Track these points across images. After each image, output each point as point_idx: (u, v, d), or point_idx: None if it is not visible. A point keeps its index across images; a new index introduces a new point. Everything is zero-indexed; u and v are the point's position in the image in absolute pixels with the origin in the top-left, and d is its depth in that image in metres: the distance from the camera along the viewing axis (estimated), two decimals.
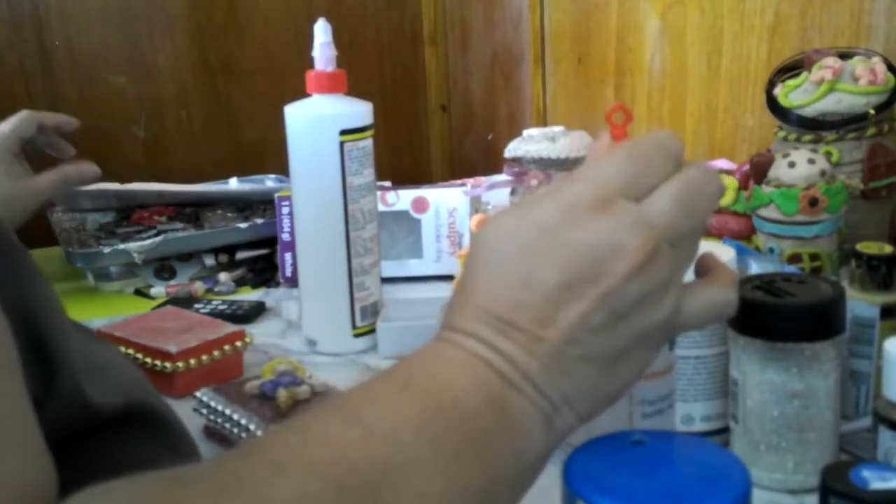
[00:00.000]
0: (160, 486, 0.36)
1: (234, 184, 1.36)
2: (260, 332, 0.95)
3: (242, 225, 1.18)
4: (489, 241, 0.45)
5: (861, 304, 0.70)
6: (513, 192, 1.02)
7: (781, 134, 0.99)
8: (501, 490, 0.43)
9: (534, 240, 0.44)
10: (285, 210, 1.08)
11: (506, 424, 0.43)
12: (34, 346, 0.44)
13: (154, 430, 0.53)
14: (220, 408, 0.73)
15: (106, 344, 0.59)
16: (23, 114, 1.13)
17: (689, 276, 0.49)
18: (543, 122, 1.69)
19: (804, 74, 0.99)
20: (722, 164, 1.21)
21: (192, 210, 1.27)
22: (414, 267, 1.10)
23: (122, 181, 1.33)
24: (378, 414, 0.41)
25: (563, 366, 0.44)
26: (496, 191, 1.09)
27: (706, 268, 0.50)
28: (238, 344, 0.86)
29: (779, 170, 0.89)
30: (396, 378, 0.44)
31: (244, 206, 1.29)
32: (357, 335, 0.91)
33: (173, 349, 0.82)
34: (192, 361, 0.82)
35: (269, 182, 1.38)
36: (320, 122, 0.88)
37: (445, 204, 1.09)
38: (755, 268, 0.75)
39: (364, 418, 0.41)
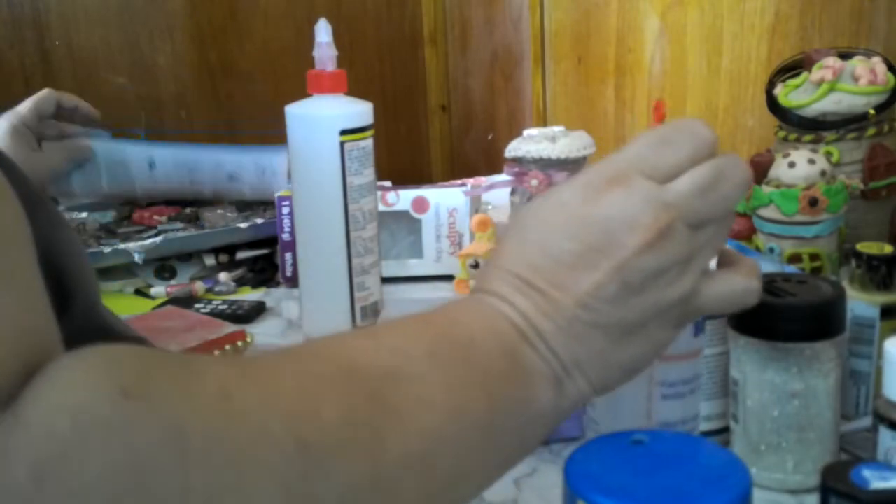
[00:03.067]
0: (171, 359, 0.37)
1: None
2: (260, 332, 0.95)
3: (243, 225, 1.18)
4: (519, 219, 0.49)
5: (861, 304, 0.70)
6: (513, 192, 1.02)
7: (781, 134, 0.99)
8: (502, 433, 0.44)
9: (555, 213, 0.47)
10: (285, 210, 1.08)
11: (516, 372, 0.45)
12: (52, 271, 0.44)
13: None
14: None
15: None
16: (44, 92, 1.16)
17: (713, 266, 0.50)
18: (543, 122, 1.69)
19: (804, 74, 0.99)
20: None
21: (193, 210, 1.27)
22: (414, 267, 1.10)
23: None
24: (393, 335, 0.44)
25: (575, 330, 0.45)
26: (496, 191, 1.09)
27: (729, 259, 0.52)
28: (238, 344, 0.86)
29: (779, 170, 0.89)
30: (419, 316, 0.46)
31: (244, 205, 1.29)
32: None
33: (174, 349, 0.82)
34: None
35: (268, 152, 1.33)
36: (320, 122, 0.88)
37: (445, 204, 1.09)
38: None
39: (380, 335, 0.45)
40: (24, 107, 1.15)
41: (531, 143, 0.99)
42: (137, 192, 1.28)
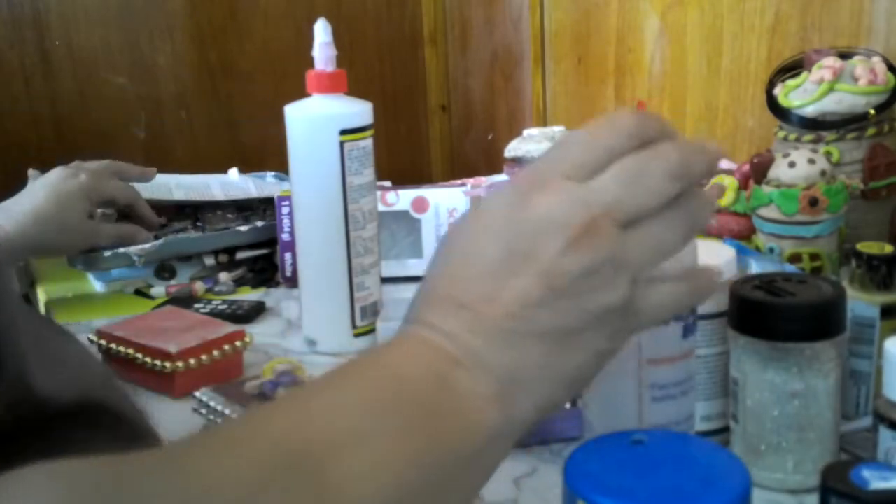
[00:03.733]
0: (100, 475, 0.36)
1: (234, 174, 1.35)
2: (260, 332, 0.95)
3: (243, 227, 1.18)
4: (445, 237, 0.48)
5: (861, 303, 0.70)
6: None
7: (781, 134, 0.99)
8: (457, 468, 0.43)
9: (477, 223, 0.46)
10: (285, 210, 1.07)
11: (453, 401, 0.43)
12: None
13: (114, 429, 0.51)
14: (219, 408, 0.73)
15: (71, 338, 0.57)
16: (127, 186, 1.15)
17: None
18: (543, 122, 1.69)
19: (804, 74, 0.99)
20: (722, 164, 1.21)
21: (192, 211, 1.27)
22: (414, 267, 1.10)
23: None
24: (322, 398, 0.42)
25: (507, 341, 0.44)
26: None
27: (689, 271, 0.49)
28: (238, 344, 0.86)
29: (779, 170, 0.89)
30: (346, 368, 0.45)
31: (244, 206, 1.29)
32: (357, 335, 0.91)
33: (173, 349, 0.82)
34: (192, 361, 0.82)
35: (270, 178, 1.37)
36: (320, 122, 0.88)
37: (445, 204, 1.09)
38: (755, 268, 0.75)
39: (310, 403, 0.42)
40: (108, 185, 1.12)
41: (531, 143, 0.99)
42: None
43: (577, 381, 0.46)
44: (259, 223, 1.19)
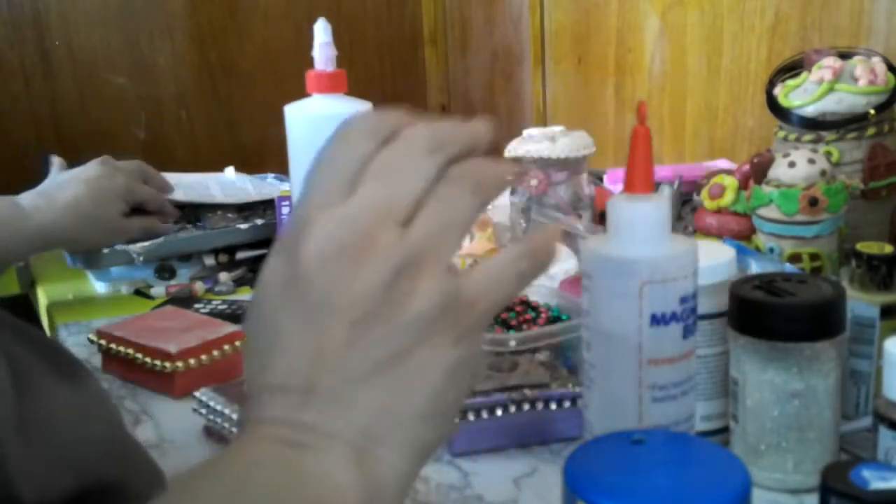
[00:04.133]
0: None
1: (230, 173, 1.35)
2: None
3: (243, 226, 1.18)
4: (246, 338, 0.43)
5: (861, 303, 0.70)
6: (513, 192, 1.02)
7: (781, 134, 0.99)
8: None
9: (263, 306, 0.41)
10: (285, 210, 1.07)
11: (307, 488, 0.38)
12: None
13: None
14: (219, 408, 0.73)
15: (71, 383, 0.49)
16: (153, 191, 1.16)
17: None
18: (543, 122, 1.69)
19: (804, 74, 0.99)
20: (722, 164, 1.21)
21: (191, 210, 1.27)
22: None
23: None
24: None
25: (339, 401, 0.39)
26: None
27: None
28: (238, 344, 0.86)
29: (779, 170, 0.89)
30: (191, 481, 0.40)
31: (244, 206, 1.29)
32: None
33: (173, 349, 0.82)
34: (192, 361, 0.82)
35: (270, 179, 1.37)
36: (320, 122, 0.88)
37: None
38: (755, 268, 0.75)
39: None
40: (143, 189, 1.14)
41: (531, 143, 0.99)
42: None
43: (442, 409, 0.41)
44: (259, 221, 1.19)
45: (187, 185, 1.28)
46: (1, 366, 0.41)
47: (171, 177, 1.27)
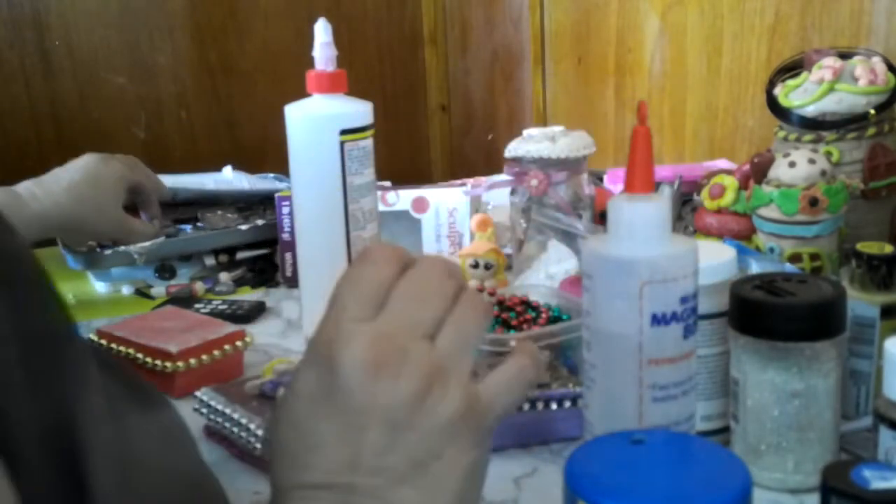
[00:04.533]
0: None
1: (227, 172, 1.35)
2: (260, 332, 0.95)
3: (243, 226, 1.18)
4: (275, 434, 0.46)
5: (861, 303, 0.70)
6: (513, 192, 1.02)
7: (781, 134, 0.99)
8: None
9: (296, 413, 0.45)
10: (285, 210, 1.07)
11: None
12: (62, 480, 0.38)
13: None
14: (220, 408, 0.73)
15: (159, 412, 0.49)
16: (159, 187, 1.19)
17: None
18: (543, 122, 1.69)
19: (804, 74, 0.99)
20: (722, 164, 1.21)
21: (188, 210, 1.27)
22: None
23: None
24: None
25: (377, 498, 0.43)
26: (496, 191, 1.09)
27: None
28: (238, 344, 0.86)
29: (779, 169, 0.89)
30: None
31: (245, 206, 1.29)
32: None
33: (173, 349, 0.82)
34: (193, 361, 0.82)
35: (270, 179, 1.37)
36: (320, 122, 0.88)
37: (445, 204, 1.09)
38: (755, 267, 0.75)
39: None
40: (139, 173, 1.16)
41: (531, 142, 0.99)
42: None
43: (465, 502, 0.45)
44: (259, 222, 1.19)
45: (184, 185, 1.28)
46: (97, 397, 0.41)
47: (168, 178, 1.27)
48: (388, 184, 1.18)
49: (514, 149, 1.00)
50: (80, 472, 0.38)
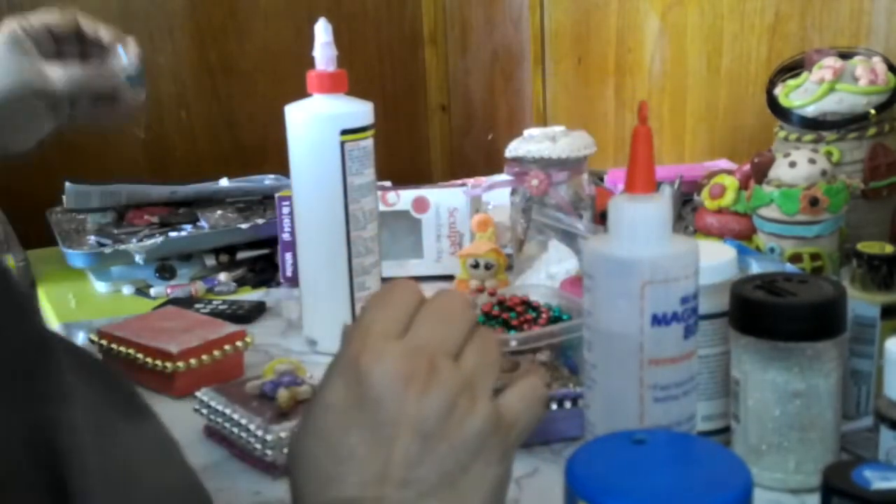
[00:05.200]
0: None
1: (224, 183, 1.36)
2: (260, 332, 0.95)
3: (243, 225, 1.18)
4: (298, 449, 0.46)
5: (862, 303, 0.70)
6: (513, 192, 1.02)
7: (782, 134, 0.99)
8: None
9: (324, 424, 0.45)
10: (286, 210, 1.07)
11: None
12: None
13: None
14: (220, 408, 0.73)
15: (146, 421, 0.47)
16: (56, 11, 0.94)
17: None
18: (544, 122, 1.69)
19: (804, 74, 0.99)
20: (722, 164, 1.21)
21: (187, 210, 1.27)
22: (414, 267, 1.10)
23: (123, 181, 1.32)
24: None
25: None
26: (496, 191, 1.09)
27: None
28: (238, 344, 0.86)
29: (779, 169, 0.89)
30: None
31: (245, 206, 1.29)
32: None
33: (174, 349, 0.82)
34: (193, 361, 0.82)
35: (268, 181, 1.37)
36: (321, 122, 0.88)
37: (446, 204, 1.09)
38: (756, 268, 0.75)
39: None
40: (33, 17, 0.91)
41: (531, 142, 0.99)
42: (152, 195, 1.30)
43: None
44: (259, 221, 1.19)
45: (184, 192, 1.29)
46: (77, 407, 0.39)
47: (166, 189, 1.28)
48: (388, 184, 1.18)
49: (514, 149, 1.00)
50: (67, 489, 0.37)
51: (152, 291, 1.11)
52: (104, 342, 0.87)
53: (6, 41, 0.88)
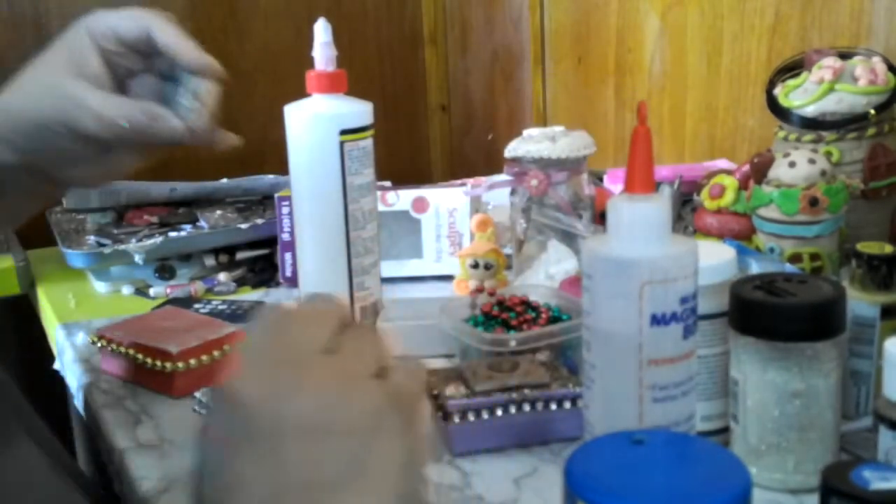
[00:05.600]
0: None
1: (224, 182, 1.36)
2: None
3: (243, 225, 1.18)
4: (193, 498, 0.44)
5: (861, 303, 0.70)
6: (513, 192, 1.02)
7: (782, 134, 0.99)
8: None
9: (202, 466, 0.44)
10: (285, 210, 1.07)
11: None
12: None
13: None
14: None
15: (11, 448, 0.47)
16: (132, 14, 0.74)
17: None
18: (543, 122, 1.69)
19: (804, 74, 0.99)
20: (722, 164, 1.21)
21: (186, 210, 1.27)
22: (414, 267, 1.10)
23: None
24: None
25: None
26: (496, 191, 1.09)
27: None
28: (238, 344, 0.86)
29: (779, 170, 0.89)
30: None
31: (244, 206, 1.29)
32: None
33: (173, 349, 0.82)
34: (192, 361, 0.82)
35: (269, 180, 1.37)
36: (320, 122, 0.88)
37: (445, 204, 1.09)
38: (755, 268, 0.75)
39: None
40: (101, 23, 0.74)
41: (531, 142, 0.99)
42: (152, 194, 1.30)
43: (409, 497, 0.43)
44: (259, 221, 1.19)
45: (183, 190, 1.29)
46: None
47: (166, 185, 1.28)
48: (388, 184, 1.18)
49: (514, 149, 1.00)
50: None
51: (152, 291, 1.11)
52: (104, 342, 0.87)
53: (69, 63, 0.73)
